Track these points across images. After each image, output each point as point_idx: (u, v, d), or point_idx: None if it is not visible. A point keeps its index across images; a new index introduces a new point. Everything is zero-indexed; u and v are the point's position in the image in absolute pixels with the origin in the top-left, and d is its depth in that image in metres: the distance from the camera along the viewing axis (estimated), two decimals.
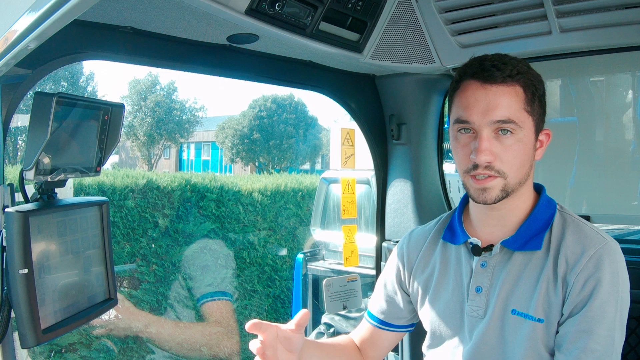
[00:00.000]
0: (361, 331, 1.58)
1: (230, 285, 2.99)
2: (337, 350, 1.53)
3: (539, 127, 1.28)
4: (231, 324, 2.85)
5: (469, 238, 1.36)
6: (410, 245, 1.51)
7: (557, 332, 1.22)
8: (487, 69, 1.23)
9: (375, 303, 1.57)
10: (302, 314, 1.26)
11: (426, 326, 1.45)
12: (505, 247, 1.31)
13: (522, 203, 1.32)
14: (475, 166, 1.23)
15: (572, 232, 1.27)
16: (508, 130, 1.22)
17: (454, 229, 1.41)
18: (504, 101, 1.22)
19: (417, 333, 1.59)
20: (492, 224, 1.34)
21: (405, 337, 2.11)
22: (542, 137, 1.31)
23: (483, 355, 1.30)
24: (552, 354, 1.23)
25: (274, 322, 1.30)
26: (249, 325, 1.23)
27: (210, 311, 2.84)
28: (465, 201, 1.44)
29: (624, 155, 2.01)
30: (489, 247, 1.33)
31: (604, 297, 1.18)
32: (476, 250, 1.34)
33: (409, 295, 1.51)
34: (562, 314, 1.22)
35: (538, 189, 1.37)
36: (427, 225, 1.54)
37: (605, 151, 2.05)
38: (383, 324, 1.54)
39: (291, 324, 1.27)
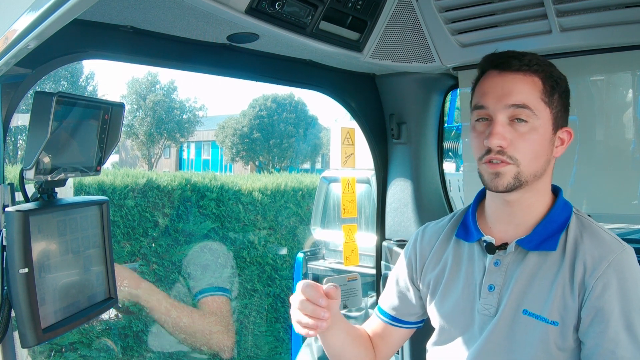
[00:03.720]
0: (372, 326, 1.56)
1: (231, 285, 3.00)
2: (359, 336, 1.52)
3: (558, 122, 1.28)
4: (226, 319, 2.84)
5: (483, 236, 1.35)
6: (424, 241, 1.50)
7: (581, 341, 1.22)
8: (505, 58, 1.26)
9: (387, 299, 1.55)
10: (330, 287, 1.29)
11: (434, 323, 1.44)
12: (519, 247, 1.30)
13: (537, 202, 1.31)
14: (488, 151, 1.23)
15: (590, 236, 1.26)
16: (523, 120, 1.22)
17: (467, 227, 1.40)
18: (518, 87, 1.23)
19: (417, 331, 1.59)
20: (507, 221, 1.33)
21: None
22: (563, 135, 1.30)
23: (489, 354, 1.29)
24: (566, 356, 1.23)
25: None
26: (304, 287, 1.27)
27: (207, 306, 2.85)
28: (479, 198, 1.43)
29: (624, 155, 2.01)
30: (503, 246, 1.32)
31: (626, 303, 1.18)
32: (490, 249, 1.33)
33: (419, 291, 1.50)
34: (579, 318, 1.21)
35: (555, 191, 1.36)
36: (440, 221, 1.52)
37: (605, 150, 2.04)
38: (394, 320, 1.53)
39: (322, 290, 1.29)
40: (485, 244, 1.34)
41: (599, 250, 1.23)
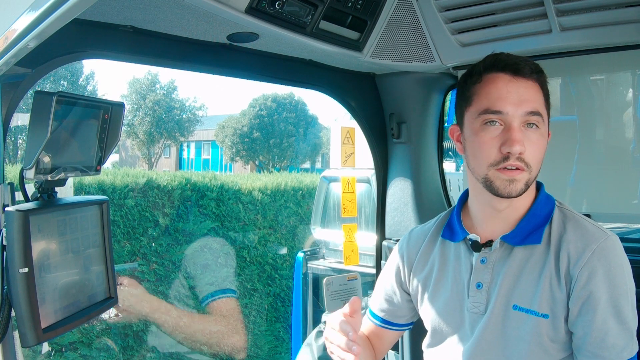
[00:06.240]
0: (365, 328, 1.60)
1: (231, 284, 2.99)
2: (368, 346, 1.58)
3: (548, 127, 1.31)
4: (235, 320, 2.84)
5: (468, 234, 1.36)
6: (410, 244, 1.52)
7: (571, 332, 1.23)
8: (517, 63, 1.26)
9: (376, 302, 1.58)
10: (353, 301, 1.33)
11: (427, 324, 1.45)
12: (505, 243, 1.31)
13: (523, 199, 1.32)
14: (506, 158, 1.23)
15: (573, 227, 1.27)
16: (534, 124, 1.24)
17: (452, 227, 1.41)
18: (532, 94, 1.25)
19: (417, 331, 1.60)
20: (495, 222, 1.34)
21: (406, 335, 2.12)
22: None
23: (483, 351, 1.30)
24: (559, 347, 1.24)
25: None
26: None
27: (214, 310, 2.85)
28: (463, 199, 1.44)
29: (624, 154, 2.01)
30: (489, 243, 1.33)
31: (613, 290, 1.19)
32: (476, 247, 1.34)
33: (409, 295, 1.51)
34: (568, 309, 1.22)
35: (536, 185, 1.37)
36: (426, 224, 1.54)
37: (605, 150, 2.05)
38: (385, 322, 1.56)
39: (346, 309, 1.34)
40: (470, 242, 1.35)
41: (582, 240, 1.24)
